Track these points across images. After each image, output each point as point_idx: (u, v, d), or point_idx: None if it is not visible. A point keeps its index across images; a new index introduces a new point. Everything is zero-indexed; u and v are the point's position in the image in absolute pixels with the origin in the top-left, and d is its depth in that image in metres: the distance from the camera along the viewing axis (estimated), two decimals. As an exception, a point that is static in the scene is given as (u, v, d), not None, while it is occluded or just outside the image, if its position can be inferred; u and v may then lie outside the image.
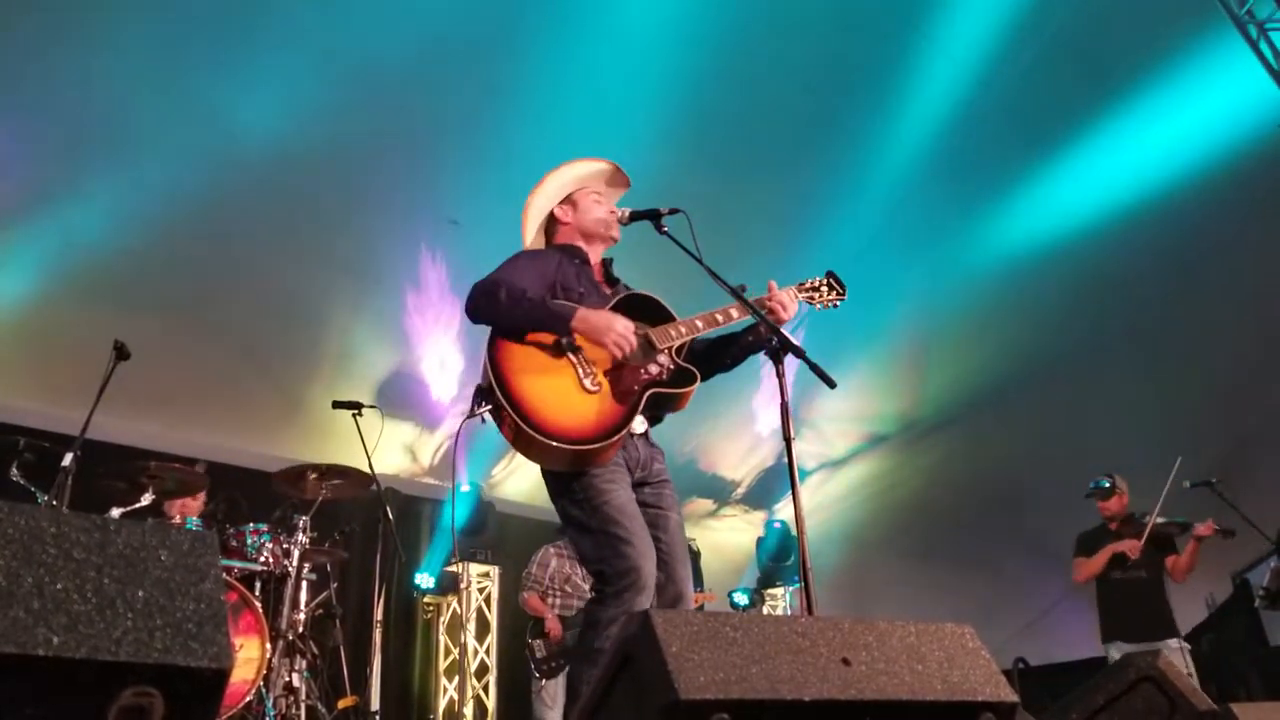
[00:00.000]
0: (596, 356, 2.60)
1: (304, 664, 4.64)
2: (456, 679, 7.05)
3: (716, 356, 2.87)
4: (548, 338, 2.57)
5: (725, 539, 9.55)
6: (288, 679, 4.50)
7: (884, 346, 8.00)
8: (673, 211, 2.80)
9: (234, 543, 4.63)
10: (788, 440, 2.48)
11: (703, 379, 2.76)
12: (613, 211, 2.89)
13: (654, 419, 2.75)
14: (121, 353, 4.12)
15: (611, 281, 2.92)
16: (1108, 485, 5.51)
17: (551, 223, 2.94)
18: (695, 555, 9.29)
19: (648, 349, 2.66)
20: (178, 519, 4.74)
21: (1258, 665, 7.11)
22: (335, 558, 5.09)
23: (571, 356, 2.57)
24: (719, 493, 9.24)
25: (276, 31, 5.25)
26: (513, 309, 2.54)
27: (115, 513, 4.26)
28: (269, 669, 4.31)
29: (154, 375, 5.15)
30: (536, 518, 7.24)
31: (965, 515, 8.61)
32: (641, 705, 1.46)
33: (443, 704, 6.96)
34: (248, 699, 4.15)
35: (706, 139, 6.27)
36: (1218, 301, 7.59)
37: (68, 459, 3.96)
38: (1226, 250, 7.29)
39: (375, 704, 6.15)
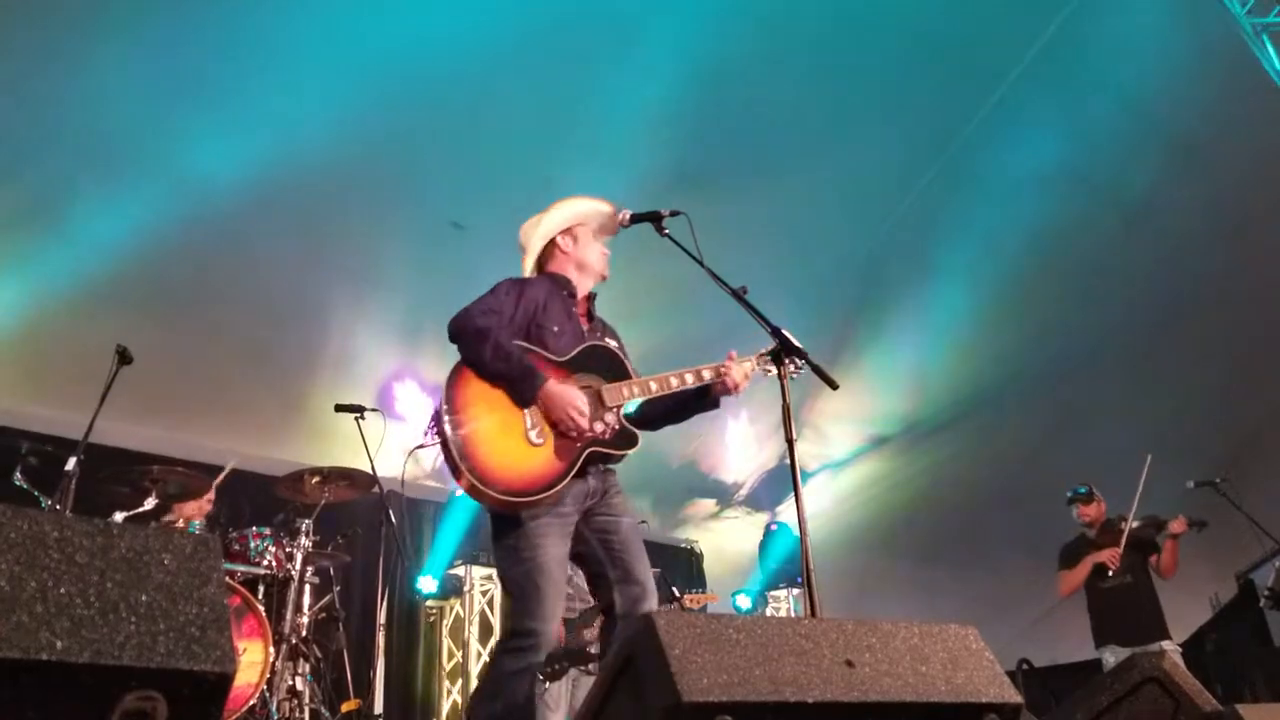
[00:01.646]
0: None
1: (307, 667, 4.64)
2: (460, 682, 7.04)
3: (671, 413, 2.99)
4: None
5: (727, 541, 9.54)
6: (291, 682, 4.50)
7: (885, 347, 7.99)
8: (674, 214, 2.82)
9: (237, 546, 4.63)
10: (790, 442, 2.49)
11: (653, 429, 2.91)
12: (604, 253, 3.02)
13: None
14: (124, 357, 4.12)
15: (591, 317, 3.02)
16: (1085, 491, 5.61)
17: (549, 248, 3.02)
18: (698, 557, 9.30)
19: (597, 405, 2.73)
20: (180, 523, 4.74)
21: (1262, 666, 7.10)
22: (338, 561, 5.09)
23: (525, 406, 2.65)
24: (721, 494, 9.24)
25: (278, 33, 5.25)
26: (491, 362, 2.63)
27: (118, 517, 4.26)
28: (272, 672, 4.31)
29: (156, 379, 5.15)
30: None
31: (968, 516, 8.59)
32: (644, 707, 1.46)
33: (446, 707, 6.96)
34: (251, 703, 4.15)
35: (708, 148, 6.26)
36: (1220, 300, 7.58)
37: (71, 463, 3.97)
38: (1227, 249, 7.28)
39: (379, 707, 6.15)
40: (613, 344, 2.93)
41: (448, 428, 2.54)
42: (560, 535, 2.64)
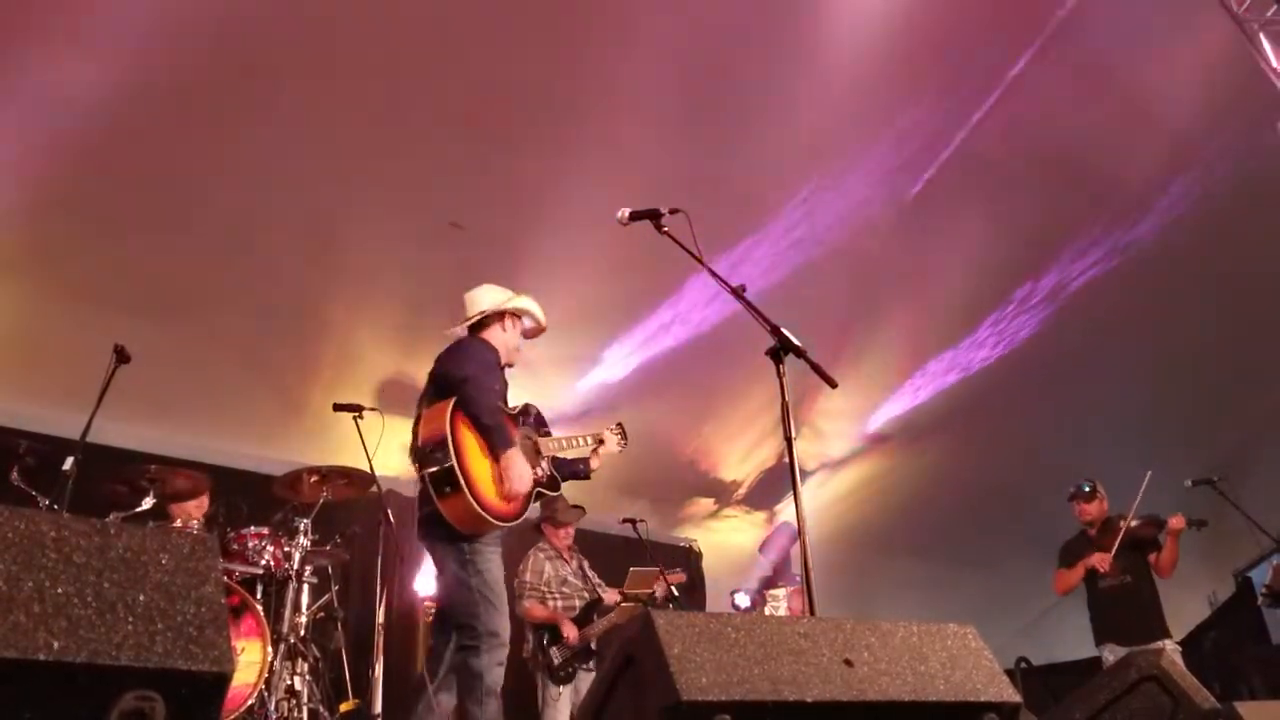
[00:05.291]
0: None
1: (306, 667, 4.63)
2: (458, 681, 7.03)
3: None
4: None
5: (726, 539, 9.54)
6: (289, 682, 4.49)
7: (884, 346, 7.99)
8: (674, 211, 2.82)
9: (235, 546, 4.62)
10: (789, 440, 2.49)
11: None
12: (520, 349, 3.71)
13: None
14: (122, 356, 4.11)
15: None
16: (1088, 489, 5.60)
17: (497, 317, 3.60)
18: (697, 556, 9.30)
19: (534, 454, 3.42)
20: (178, 523, 4.73)
21: (1260, 663, 7.11)
22: (336, 560, 5.08)
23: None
24: (720, 493, 9.23)
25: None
26: (487, 418, 3.26)
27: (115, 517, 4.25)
28: (270, 672, 4.30)
29: (154, 379, 5.13)
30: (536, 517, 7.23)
31: (966, 514, 8.60)
32: (643, 706, 1.46)
33: (445, 706, 6.95)
34: (249, 703, 4.14)
35: (707, 143, 6.25)
36: (1219, 300, 7.59)
37: (68, 463, 3.96)
38: (1225, 247, 7.29)
39: (377, 707, 6.13)
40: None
41: (454, 458, 3.11)
42: (500, 556, 3.30)
